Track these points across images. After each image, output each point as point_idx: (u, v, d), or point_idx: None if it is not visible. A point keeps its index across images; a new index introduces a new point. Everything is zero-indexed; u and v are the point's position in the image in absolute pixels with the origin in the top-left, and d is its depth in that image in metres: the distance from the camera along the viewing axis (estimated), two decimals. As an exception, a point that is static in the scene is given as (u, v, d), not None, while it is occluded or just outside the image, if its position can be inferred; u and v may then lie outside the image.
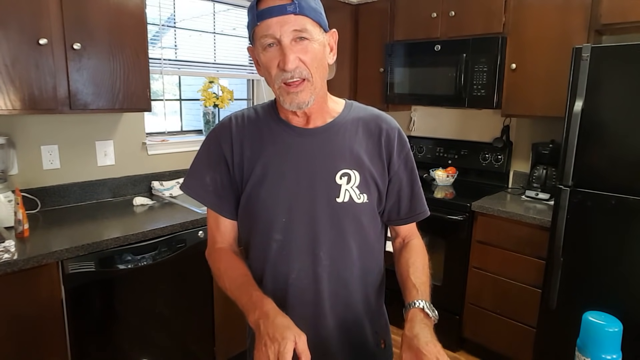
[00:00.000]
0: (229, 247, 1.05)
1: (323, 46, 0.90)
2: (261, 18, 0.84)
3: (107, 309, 1.80)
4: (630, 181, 1.81)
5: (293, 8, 0.83)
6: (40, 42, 1.71)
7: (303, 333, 0.79)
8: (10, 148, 1.97)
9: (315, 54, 0.87)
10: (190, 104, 2.97)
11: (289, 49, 0.84)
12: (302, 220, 0.95)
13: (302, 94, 0.88)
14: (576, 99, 1.88)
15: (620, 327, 0.86)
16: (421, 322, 0.84)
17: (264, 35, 0.85)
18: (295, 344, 0.77)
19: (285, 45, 0.84)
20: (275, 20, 0.83)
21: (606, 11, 2.07)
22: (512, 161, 2.87)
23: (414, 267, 0.98)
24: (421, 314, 0.86)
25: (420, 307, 0.87)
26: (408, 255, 1.03)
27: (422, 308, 0.87)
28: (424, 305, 0.87)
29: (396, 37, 2.91)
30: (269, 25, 0.84)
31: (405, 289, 0.96)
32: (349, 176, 0.95)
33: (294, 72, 0.86)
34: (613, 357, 0.86)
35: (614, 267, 1.88)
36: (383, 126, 1.00)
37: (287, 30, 0.84)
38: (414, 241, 1.07)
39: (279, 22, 0.83)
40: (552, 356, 2.12)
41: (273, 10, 0.83)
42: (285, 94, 0.89)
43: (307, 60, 0.86)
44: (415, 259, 1.01)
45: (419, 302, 0.88)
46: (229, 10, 2.87)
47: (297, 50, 0.85)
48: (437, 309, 0.90)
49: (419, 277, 0.96)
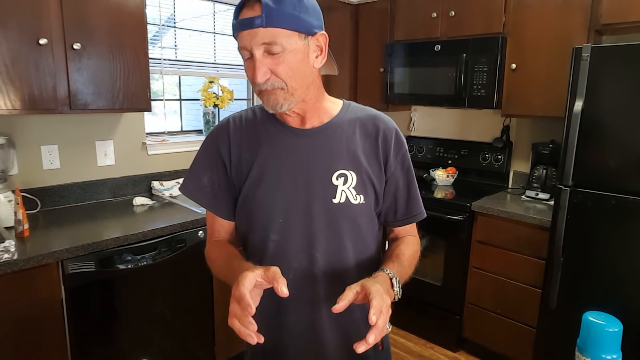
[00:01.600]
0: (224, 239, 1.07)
1: (302, 53, 0.87)
2: (236, 30, 0.85)
3: (107, 309, 1.80)
4: (630, 181, 1.81)
5: (260, 21, 0.81)
6: (40, 42, 1.71)
7: (273, 266, 0.78)
8: (10, 148, 1.97)
9: (289, 65, 0.85)
10: (190, 104, 2.97)
11: (259, 61, 0.84)
12: (299, 221, 0.95)
13: (273, 96, 0.88)
14: (576, 99, 1.88)
15: (620, 327, 0.86)
16: (383, 281, 0.85)
17: (240, 47, 0.86)
18: (264, 275, 0.77)
19: (257, 59, 0.84)
20: (245, 34, 0.83)
21: (606, 11, 2.07)
22: (512, 161, 2.87)
23: (400, 252, 1.00)
24: (388, 282, 0.87)
25: (390, 276, 0.88)
26: (400, 243, 1.04)
27: (391, 278, 0.88)
28: (393, 276, 0.88)
29: (396, 37, 2.91)
30: (242, 38, 0.84)
31: (384, 262, 0.98)
32: (346, 177, 0.95)
33: (266, 84, 0.86)
34: (613, 357, 0.86)
35: (614, 267, 1.88)
36: (380, 126, 1.00)
37: (256, 43, 0.83)
38: (409, 237, 1.08)
39: (249, 35, 0.83)
40: (552, 356, 2.12)
41: (243, 24, 0.83)
42: (262, 97, 0.90)
43: (280, 72, 0.85)
44: (404, 247, 1.02)
45: (390, 272, 0.89)
46: (229, 10, 2.87)
47: (268, 62, 0.85)
48: (437, 309, 0.91)
49: (402, 260, 0.97)
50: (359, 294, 0.78)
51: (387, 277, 0.87)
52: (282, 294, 0.75)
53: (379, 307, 0.74)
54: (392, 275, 0.88)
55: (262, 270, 0.78)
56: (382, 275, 0.87)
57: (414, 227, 1.10)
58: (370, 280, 0.81)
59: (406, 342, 2.70)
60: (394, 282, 0.87)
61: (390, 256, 0.99)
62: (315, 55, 0.90)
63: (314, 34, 0.88)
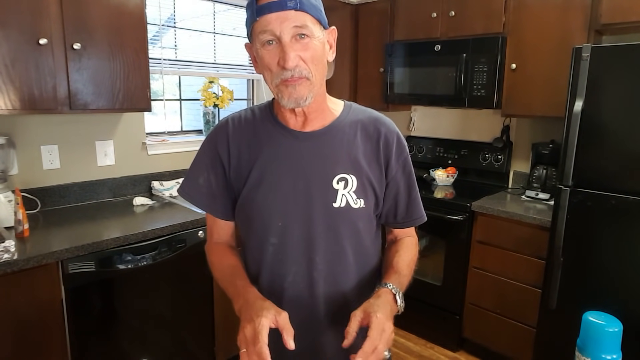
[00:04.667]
0: (225, 243, 1.07)
1: (323, 44, 0.88)
2: (260, 13, 0.82)
3: (107, 309, 1.80)
4: (630, 181, 1.81)
5: (294, 4, 0.81)
6: (40, 42, 1.71)
7: (284, 311, 0.79)
8: (10, 148, 1.97)
9: (316, 52, 0.85)
10: (190, 104, 2.97)
11: (289, 46, 0.82)
12: (298, 225, 0.94)
13: (300, 87, 0.86)
14: (576, 99, 1.88)
15: (620, 327, 0.86)
16: (386, 302, 0.85)
17: (263, 31, 0.83)
18: (275, 320, 0.77)
19: (286, 43, 0.82)
20: (275, 16, 0.81)
21: (606, 11, 2.07)
22: (512, 161, 2.87)
23: (400, 258, 0.99)
24: (390, 296, 0.87)
25: (392, 291, 0.88)
26: (398, 247, 1.04)
27: (393, 293, 0.88)
28: (396, 292, 0.88)
29: (396, 37, 2.91)
30: (269, 21, 0.82)
31: (385, 271, 0.98)
32: (346, 181, 0.94)
33: (294, 71, 0.83)
34: (613, 357, 0.86)
35: (614, 267, 1.88)
36: (382, 130, 0.99)
37: (287, 26, 0.81)
38: (407, 238, 1.08)
39: (278, 18, 0.81)
40: (552, 356, 2.12)
41: (272, 6, 0.81)
42: (284, 88, 0.86)
43: (308, 58, 0.84)
44: (403, 252, 1.02)
45: (393, 287, 0.89)
46: (229, 10, 2.87)
47: (298, 48, 0.83)
48: (437, 309, 0.91)
49: (402, 268, 0.97)
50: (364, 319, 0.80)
51: (390, 294, 0.87)
52: (289, 346, 0.76)
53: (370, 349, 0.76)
54: (395, 291, 0.88)
55: (273, 316, 0.78)
56: (385, 292, 0.87)
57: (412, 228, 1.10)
58: (373, 305, 0.81)
59: (406, 342, 2.69)
60: (397, 297, 0.88)
61: (390, 264, 0.98)
62: (328, 48, 0.92)
63: (327, 28, 0.90)
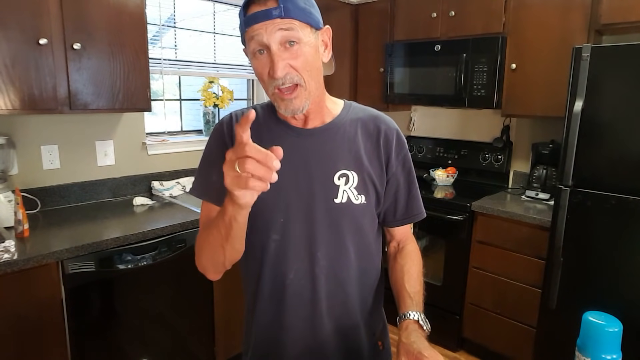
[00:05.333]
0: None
1: (314, 47, 0.88)
2: (248, 24, 0.83)
3: (107, 309, 1.80)
4: (630, 181, 1.81)
5: (278, 12, 0.80)
6: (40, 42, 1.71)
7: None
8: (10, 148, 1.97)
9: (306, 58, 0.85)
10: (190, 104, 2.97)
11: (277, 56, 0.82)
12: (300, 221, 0.94)
13: (296, 100, 0.86)
14: (576, 99, 1.88)
15: (620, 327, 0.85)
16: (416, 331, 0.85)
17: (252, 41, 0.84)
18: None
19: (274, 52, 0.82)
20: (261, 26, 0.81)
21: (606, 11, 2.07)
22: (512, 161, 2.87)
23: (408, 275, 0.99)
24: (415, 325, 0.88)
25: (415, 319, 0.89)
26: (403, 261, 1.03)
27: (416, 320, 0.88)
28: (418, 317, 0.89)
29: (396, 37, 2.91)
30: (257, 31, 0.82)
31: (399, 297, 0.97)
32: (347, 177, 0.95)
33: (285, 79, 0.84)
34: (613, 357, 0.86)
35: (614, 267, 1.88)
36: (382, 127, 1.00)
37: (274, 35, 0.81)
38: (409, 246, 1.07)
39: (265, 28, 0.81)
40: (552, 356, 2.12)
41: (259, 15, 0.81)
42: (280, 101, 0.87)
43: (298, 66, 0.84)
44: (410, 266, 1.02)
45: (414, 313, 0.90)
46: (229, 10, 2.87)
47: (287, 57, 0.83)
48: (437, 309, 0.92)
49: (413, 285, 0.97)
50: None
51: (415, 324, 0.88)
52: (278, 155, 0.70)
53: None
54: (418, 317, 0.89)
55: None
56: (410, 323, 0.88)
57: (410, 231, 1.10)
58: (412, 344, 0.81)
59: (406, 342, 2.69)
60: (422, 322, 0.88)
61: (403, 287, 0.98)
62: (322, 49, 0.91)
63: (320, 28, 0.89)
